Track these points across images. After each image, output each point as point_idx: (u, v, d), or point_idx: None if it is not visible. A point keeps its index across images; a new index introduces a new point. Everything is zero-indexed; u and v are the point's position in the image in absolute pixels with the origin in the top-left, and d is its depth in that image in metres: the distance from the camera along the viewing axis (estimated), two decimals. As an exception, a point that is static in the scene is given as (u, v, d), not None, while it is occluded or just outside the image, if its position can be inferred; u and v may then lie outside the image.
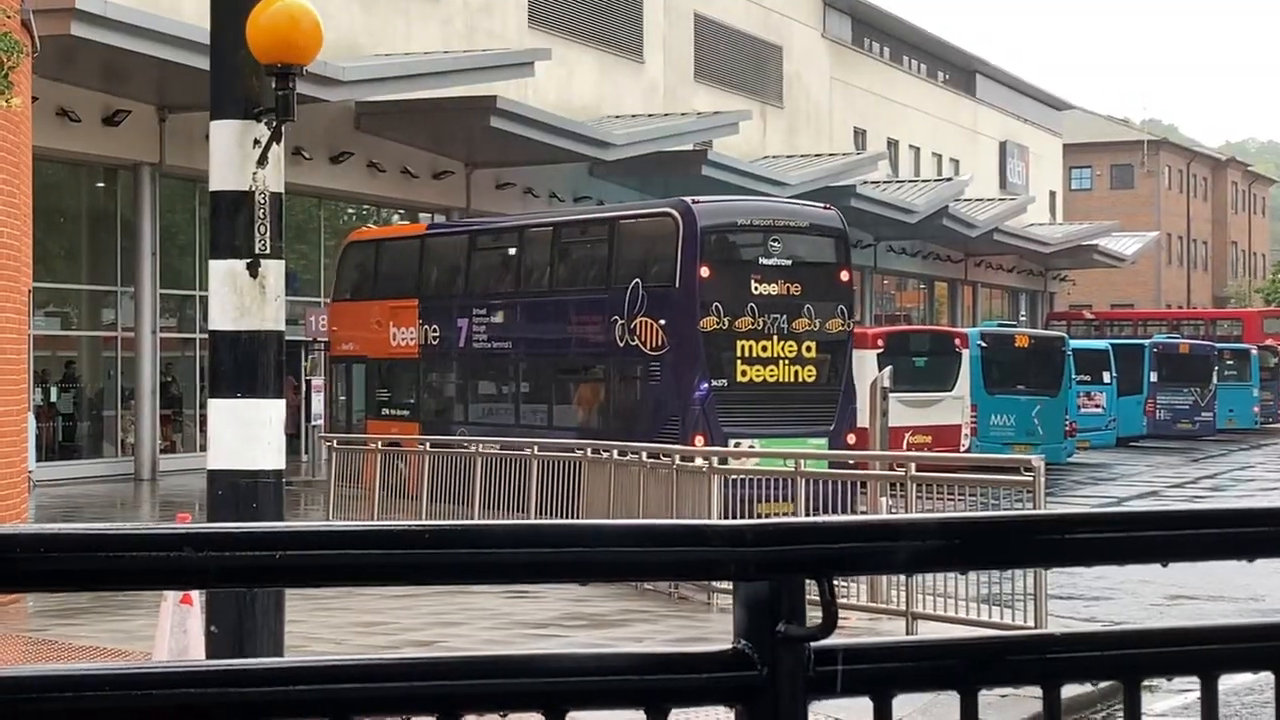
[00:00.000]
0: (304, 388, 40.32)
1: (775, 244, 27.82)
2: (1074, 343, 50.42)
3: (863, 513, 17.08)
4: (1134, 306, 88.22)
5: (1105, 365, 51.91)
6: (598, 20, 52.66)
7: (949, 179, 67.78)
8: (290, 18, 10.26)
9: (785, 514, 17.73)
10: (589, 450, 22.65)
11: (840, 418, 27.35)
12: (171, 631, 10.39)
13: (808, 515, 17.46)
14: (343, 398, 35.62)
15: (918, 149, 75.70)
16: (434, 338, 32.45)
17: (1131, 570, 20.10)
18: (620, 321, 27.43)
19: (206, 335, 11.22)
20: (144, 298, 37.13)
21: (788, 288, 27.36)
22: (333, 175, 40.62)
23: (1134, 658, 2.82)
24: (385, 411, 33.48)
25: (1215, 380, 61.22)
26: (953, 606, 16.06)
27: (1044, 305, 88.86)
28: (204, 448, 11.16)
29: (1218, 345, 65.98)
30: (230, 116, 10.71)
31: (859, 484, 18.67)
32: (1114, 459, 47.58)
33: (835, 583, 2.47)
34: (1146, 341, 60.55)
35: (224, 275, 10.77)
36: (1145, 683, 2.85)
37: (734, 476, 19.83)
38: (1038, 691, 2.72)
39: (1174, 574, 21.15)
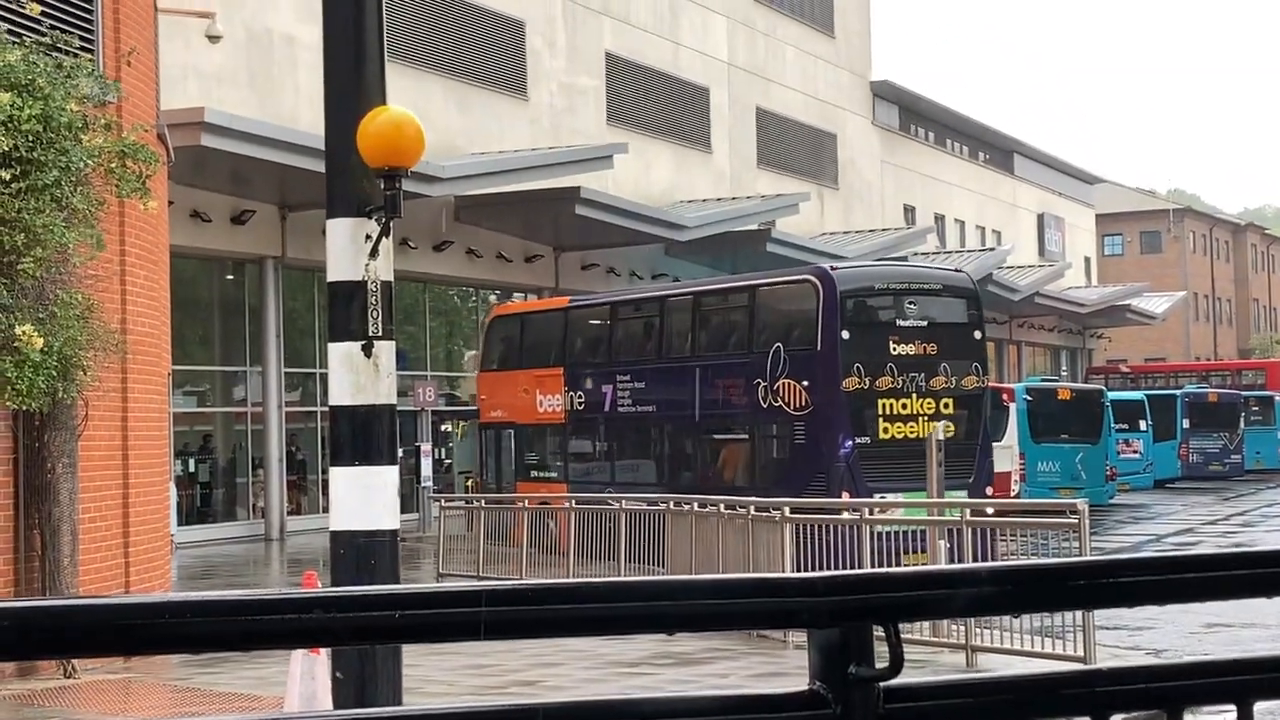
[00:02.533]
0: (414, 453, 40.44)
1: (911, 306, 27.15)
2: (1112, 394, 50.23)
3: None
4: (1166, 360, 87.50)
5: (1141, 414, 51.65)
6: (670, 116, 52.85)
7: (992, 249, 67.58)
8: (396, 126, 10.34)
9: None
10: (722, 506, 21.83)
11: (979, 470, 26.72)
12: (301, 678, 10.42)
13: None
14: (492, 461, 34.89)
15: (962, 223, 75.48)
16: (579, 403, 31.68)
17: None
18: (763, 384, 26.64)
19: (327, 409, 11.27)
20: (270, 376, 37.39)
21: (924, 347, 26.53)
22: (435, 262, 40.76)
23: (1175, 689, 2.80)
24: (534, 474, 32.65)
25: (1243, 425, 61.01)
26: (1009, 639, 15.93)
27: (1083, 361, 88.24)
28: (326, 510, 11.20)
29: (1244, 394, 65.64)
30: (344, 215, 10.78)
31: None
32: (1152, 499, 47.17)
33: (901, 627, 2.46)
34: (1178, 392, 60.31)
35: (342, 356, 10.83)
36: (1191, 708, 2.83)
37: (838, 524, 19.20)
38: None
39: (1212, 604, 20.97)
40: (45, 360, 14.42)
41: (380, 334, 10.74)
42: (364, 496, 10.81)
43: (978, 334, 28.17)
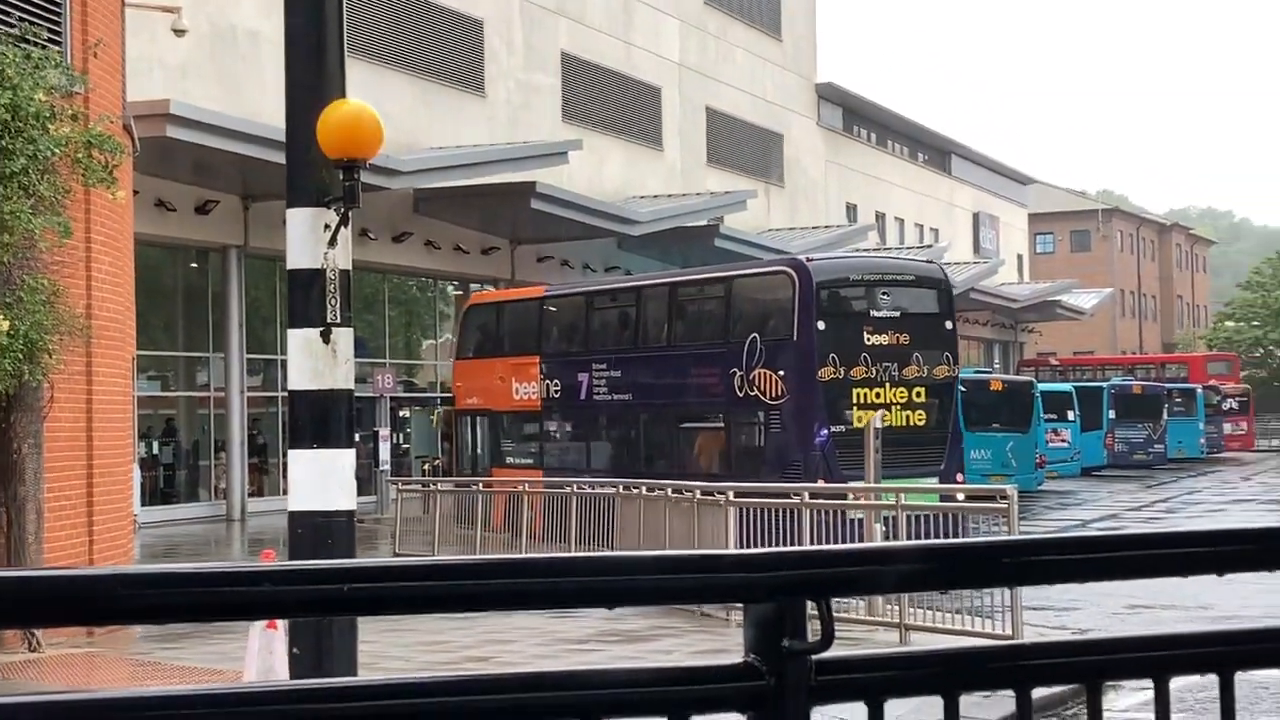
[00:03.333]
0: (373, 438, 40.38)
1: (884, 297, 27.05)
2: (1041, 386, 50.63)
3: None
4: (1093, 353, 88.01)
5: (1069, 405, 52.22)
6: (623, 114, 52.89)
7: (929, 246, 67.75)
8: (355, 118, 10.32)
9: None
10: (669, 490, 21.61)
11: (950, 458, 26.79)
12: (259, 653, 10.40)
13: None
14: (466, 448, 34.49)
15: (902, 220, 75.78)
16: (555, 391, 31.29)
17: (1096, 584, 19.95)
18: (739, 373, 26.45)
19: (287, 394, 11.25)
20: (232, 362, 37.31)
21: (897, 337, 26.47)
22: (395, 253, 40.73)
23: (1095, 664, 2.82)
24: (510, 460, 32.49)
25: (1166, 416, 61.84)
26: (942, 619, 16.03)
27: (1015, 354, 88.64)
28: (286, 492, 11.17)
29: (1167, 386, 66.51)
30: (304, 205, 10.76)
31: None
32: (1079, 486, 47.52)
33: (833, 602, 2.47)
34: (1105, 384, 61.16)
35: (301, 342, 10.81)
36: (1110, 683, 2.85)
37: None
38: (1009, 693, 2.73)
39: (1133, 586, 21.08)
40: (11, 344, 14.37)
41: (338, 321, 10.73)
42: (322, 478, 10.80)
43: (949, 324, 28.00)
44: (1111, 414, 57.87)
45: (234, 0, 33.54)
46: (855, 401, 25.31)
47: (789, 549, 2.68)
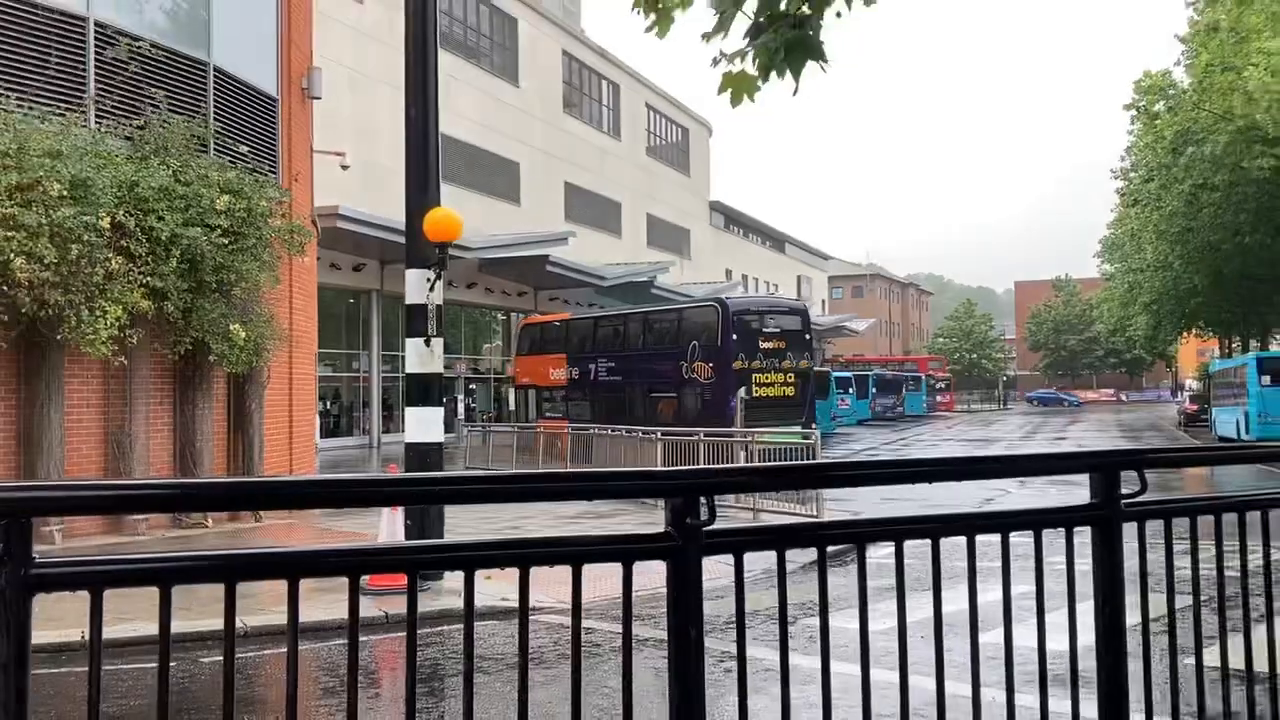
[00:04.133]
0: (454, 401, 40.32)
1: (771, 319, 26.91)
2: (836, 373, 50.99)
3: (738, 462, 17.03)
4: (864, 356, 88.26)
5: (850, 384, 52.82)
6: (600, 217, 52.80)
7: (735, 283, 66.85)
8: (445, 218, 10.34)
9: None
10: (624, 431, 21.67)
11: (808, 415, 26.43)
12: (386, 525, 10.38)
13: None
14: (523, 407, 34.09)
15: (757, 279, 75.64)
16: (576, 375, 30.98)
17: (864, 487, 19.94)
18: (685, 364, 26.42)
19: (405, 375, 11.24)
20: (373, 356, 37.21)
21: (778, 344, 26.47)
22: (467, 294, 40.57)
23: (861, 533, 2.86)
24: (548, 415, 31.56)
25: (904, 391, 62.79)
26: (778, 505, 16.05)
27: (819, 356, 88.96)
28: (404, 431, 11.16)
29: (905, 374, 67.54)
30: (416, 267, 10.76)
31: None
32: (855, 431, 47.69)
33: (715, 498, 2.51)
34: (870, 372, 61.76)
35: (413, 346, 10.81)
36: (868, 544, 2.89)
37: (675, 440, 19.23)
38: (813, 549, 2.77)
39: (887, 489, 21.12)
40: (247, 345, 14.37)
41: (435, 334, 10.76)
42: (424, 424, 10.81)
43: (808, 336, 27.84)
44: (874, 390, 58.56)
45: (377, 149, 33.32)
46: (755, 382, 25.51)
47: (691, 467, 2.72)
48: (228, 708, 2.06)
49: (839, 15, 4.00)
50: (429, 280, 10.66)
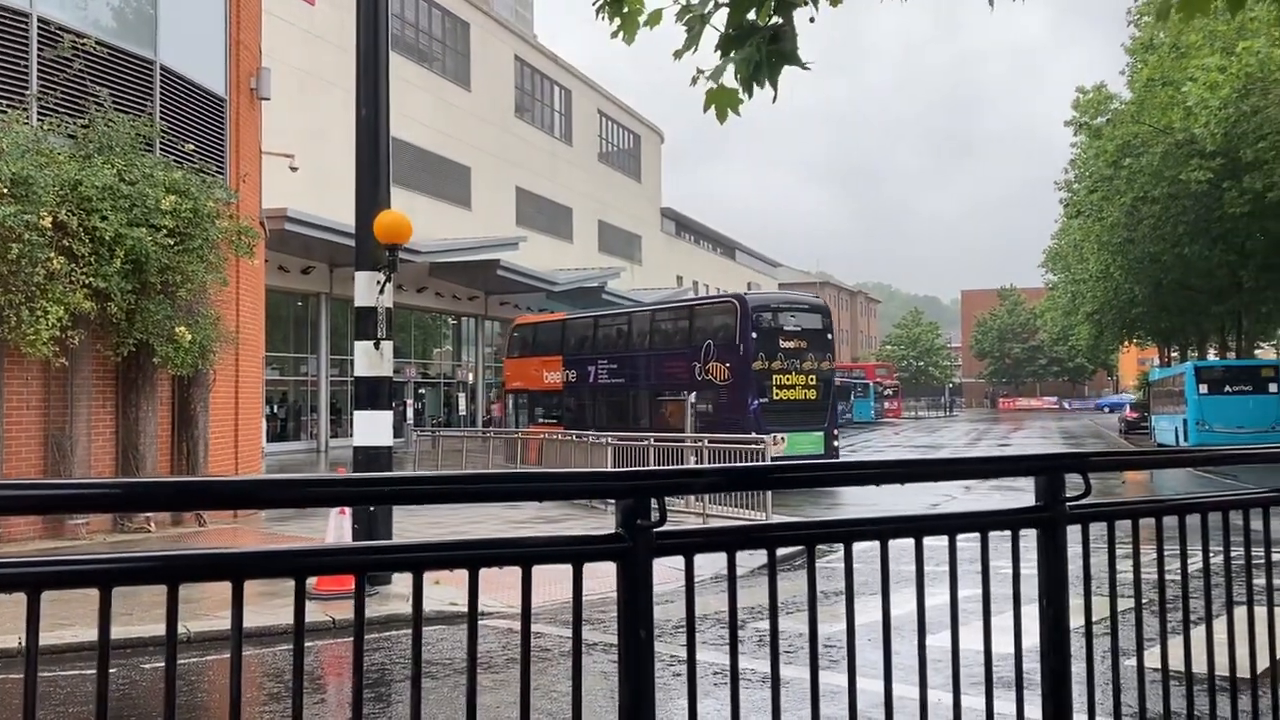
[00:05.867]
0: (403, 405, 40.02)
1: (791, 318, 24.87)
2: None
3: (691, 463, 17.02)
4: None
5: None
6: (552, 223, 52.74)
7: (686, 289, 66.85)
8: (395, 220, 10.26)
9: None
10: (575, 435, 21.17)
11: (830, 419, 24.72)
12: (334, 528, 10.26)
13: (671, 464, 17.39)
14: (513, 411, 31.91)
15: (708, 285, 75.95)
16: (573, 378, 28.91)
17: (810, 488, 20.13)
18: (698, 365, 24.48)
19: (354, 378, 11.12)
20: (322, 360, 36.88)
21: (799, 343, 24.34)
22: (417, 298, 40.36)
23: (810, 535, 2.87)
24: (541, 419, 29.38)
25: (853, 397, 63.19)
26: (727, 510, 16.08)
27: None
28: (352, 434, 11.05)
29: (854, 381, 67.93)
30: (366, 269, 10.66)
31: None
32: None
33: (666, 499, 2.50)
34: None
35: (362, 349, 10.71)
36: (819, 546, 2.90)
37: (628, 445, 19.14)
38: (764, 553, 2.77)
39: (843, 499, 21.22)
40: (192, 347, 14.16)
41: (384, 337, 10.66)
42: (372, 427, 10.70)
43: (829, 335, 25.84)
44: (826, 396, 59.06)
45: (327, 151, 32.98)
46: (775, 384, 23.76)
47: (641, 469, 2.71)
48: (169, 714, 2.01)
49: (811, 20, 4.01)
50: (379, 283, 10.57)
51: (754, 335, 23.78)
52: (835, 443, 24.66)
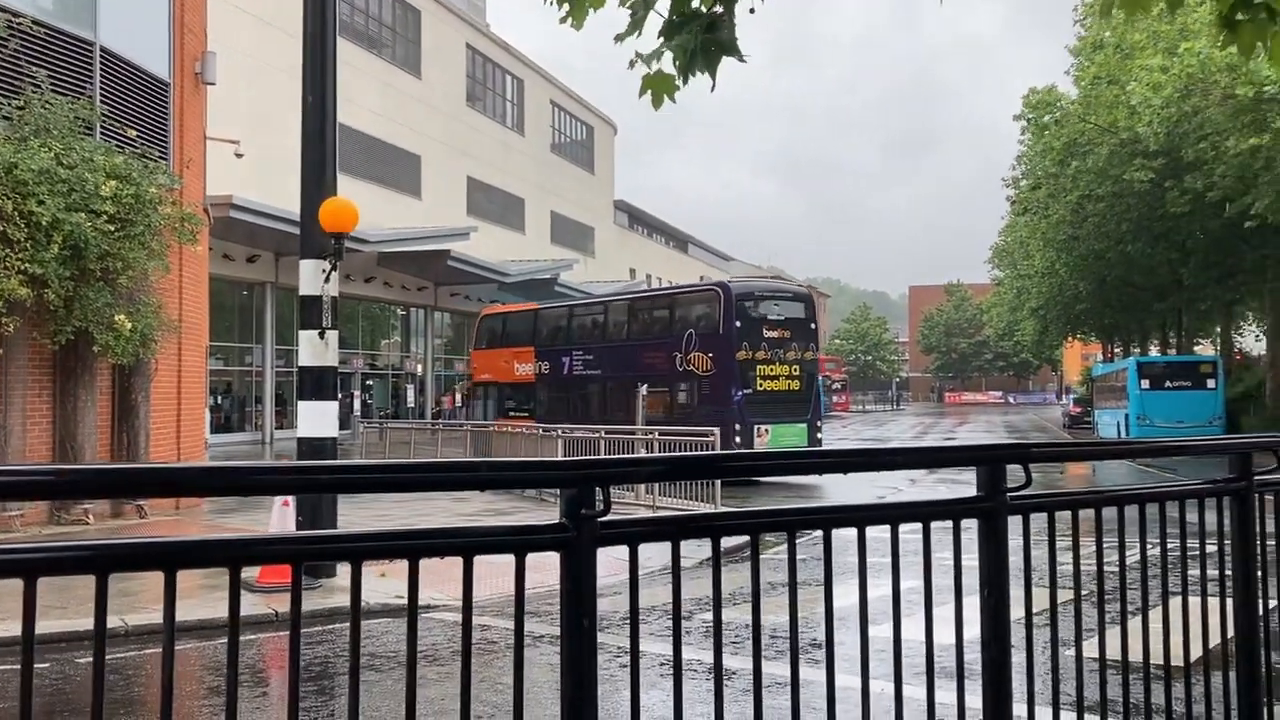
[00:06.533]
0: (350, 396, 39.66)
1: (775, 306, 24.11)
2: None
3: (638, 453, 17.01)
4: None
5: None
6: (503, 213, 52.49)
7: (639, 282, 66.88)
8: (341, 207, 10.15)
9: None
10: (524, 428, 20.78)
11: (813, 411, 24.11)
12: (277, 520, 10.14)
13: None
14: (480, 404, 30.53)
15: (660, 278, 76.05)
16: (545, 370, 27.96)
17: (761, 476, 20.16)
18: (679, 355, 23.72)
19: (298, 368, 10.98)
20: (267, 350, 36.46)
21: (782, 332, 23.64)
22: (365, 288, 40.02)
23: (755, 525, 2.87)
24: (511, 413, 28.31)
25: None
26: (676, 502, 16.13)
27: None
28: (297, 426, 10.92)
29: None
30: (311, 257, 10.53)
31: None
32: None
33: (611, 488, 2.49)
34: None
35: (306, 338, 10.58)
36: (765, 536, 2.90)
37: (578, 437, 19.07)
38: (709, 545, 2.77)
39: (788, 493, 21.28)
40: (133, 335, 13.93)
41: (329, 327, 10.55)
42: (317, 418, 10.58)
43: (813, 325, 25.07)
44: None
45: (273, 138, 32.52)
46: (758, 374, 23.09)
47: (586, 458, 2.69)
48: (96, 706, 1.97)
49: (752, 11, 4.01)
50: (324, 271, 10.44)
51: (737, 324, 23.24)
52: (819, 435, 24.28)
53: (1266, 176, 26.34)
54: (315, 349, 10.54)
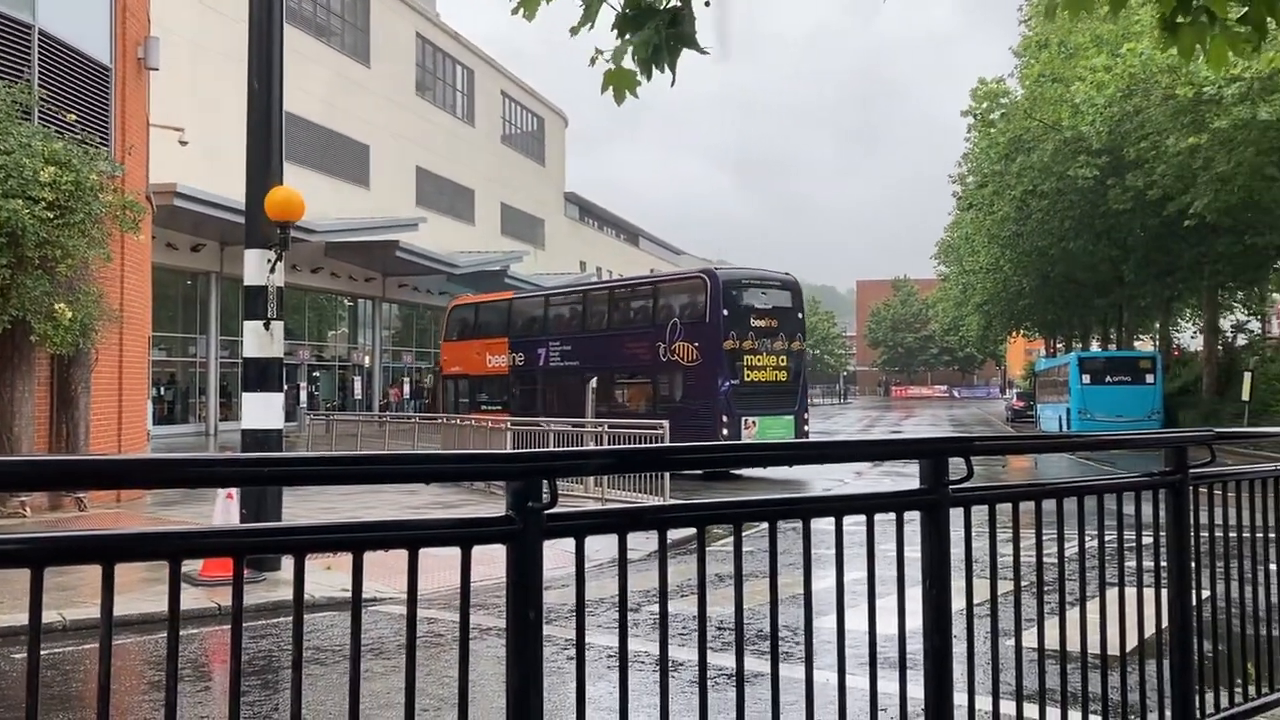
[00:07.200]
0: (296, 388, 39.25)
1: (763, 295, 23.40)
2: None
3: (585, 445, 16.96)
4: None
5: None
6: (453, 205, 52.04)
7: (589, 274, 66.47)
8: (287, 197, 10.04)
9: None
10: (473, 419, 20.42)
11: (800, 402, 23.54)
12: (221, 513, 10.00)
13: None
14: (450, 398, 29.64)
15: (611, 271, 75.84)
16: (520, 362, 27.11)
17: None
18: (663, 345, 23.03)
19: (243, 359, 10.84)
20: (212, 341, 35.92)
21: (770, 321, 22.98)
22: (312, 279, 39.51)
23: (701, 517, 2.88)
24: (484, 407, 27.13)
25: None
26: (626, 494, 16.14)
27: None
28: (242, 418, 10.78)
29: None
30: (256, 247, 10.40)
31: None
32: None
33: (558, 481, 2.49)
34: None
35: (251, 329, 10.45)
36: (711, 527, 2.91)
37: (527, 430, 18.96)
38: (656, 538, 2.78)
39: (735, 487, 21.35)
40: (72, 325, 13.67)
41: (275, 317, 10.45)
42: (263, 410, 10.47)
43: (800, 314, 24.34)
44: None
45: (219, 125, 32.00)
46: (746, 364, 22.42)
47: (533, 450, 2.69)
48: (31, 703, 1.94)
49: (707, 4, 4.01)
50: (269, 261, 10.31)
51: (725, 313, 22.48)
52: (806, 427, 23.86)
53: (1205, 176, 26.89)
54: (260, 340, 10.41)
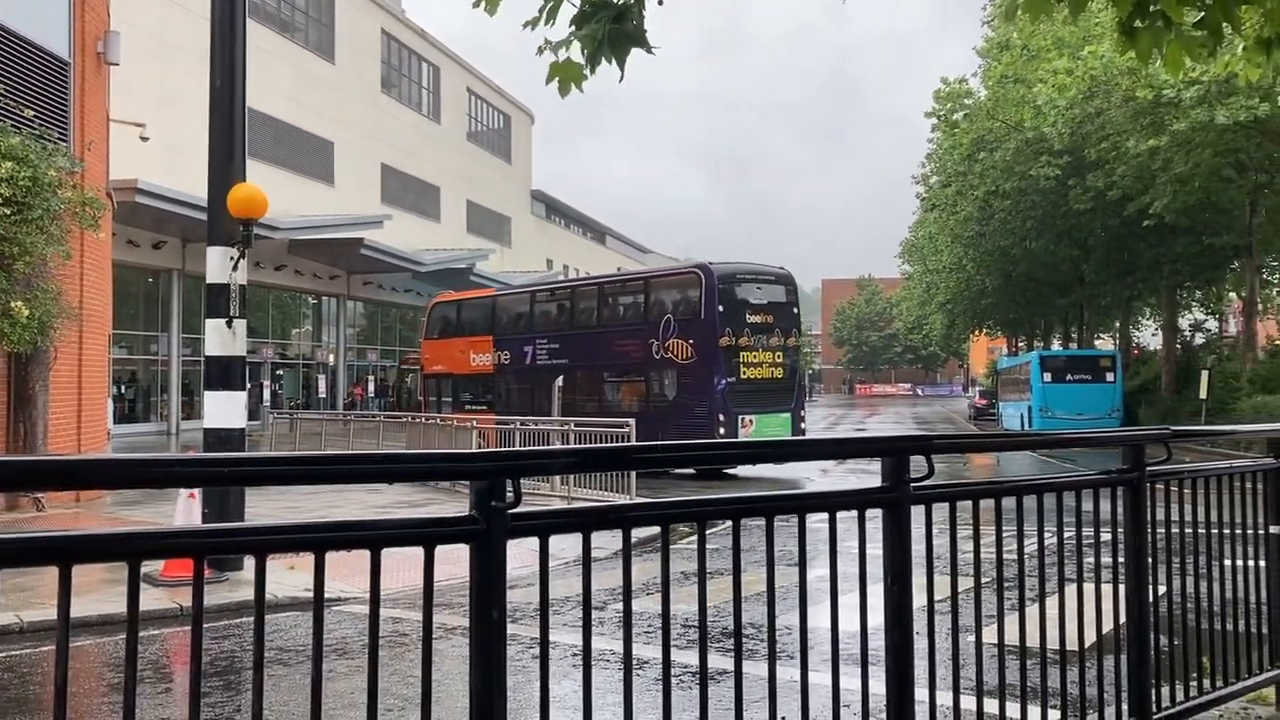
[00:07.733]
0: (259, 387, 38.89)
1: (758, 290, 22.85)
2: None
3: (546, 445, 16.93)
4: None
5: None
6: (419, 202, 51.78)
7: (556, 273, 66.12)
8: (250, 194, 9.96)
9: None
10: (439, 419, 20.35)
11: (797, 400, 23.03)
12: (183, 513, 9.91)
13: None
14: (434, 397, 28.49)
15: (578, 269, 75.73)
16: (505, 360, 26.26)
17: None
18: (656, 342, 22.44)
19: (205, 357, 10.74)
20: (173, 338, 35.54)
21: (765, 317, 22.48)
22: (275, 276, 39.19)
23: (665, 516, 2.88)
24: (468, 407, 25.95)
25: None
26: (592, 494, 16.12)
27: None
28: (204, 417, 10.69)
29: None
30: (219, 244, 10.31)
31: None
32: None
33: (522, 480, 2.49)
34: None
35: (213, 327, 10.36)
36: (678, 527, 2.91)
37: (487, 428, 18.87)
38: (619, 530, 2.78)
39: (703, 487, 21.35)
40: (30, 323, 13.52)
41: (237, 315, 10.37)
42: (225, 409, 10.38)
43: (795, 310, 23.80)
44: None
45: (180, 121, 31.63)
46: (742, 361, 21.94)
47: (497, 449, 2.69)
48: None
49: (660, 3, 4.00)
50: (232, 259, 10.22)
51: (720, 308, 21.97)
52: (803, 425, 23.52)
53: (1164, 177, 27.24)
54: (223, 338, 10.32)
